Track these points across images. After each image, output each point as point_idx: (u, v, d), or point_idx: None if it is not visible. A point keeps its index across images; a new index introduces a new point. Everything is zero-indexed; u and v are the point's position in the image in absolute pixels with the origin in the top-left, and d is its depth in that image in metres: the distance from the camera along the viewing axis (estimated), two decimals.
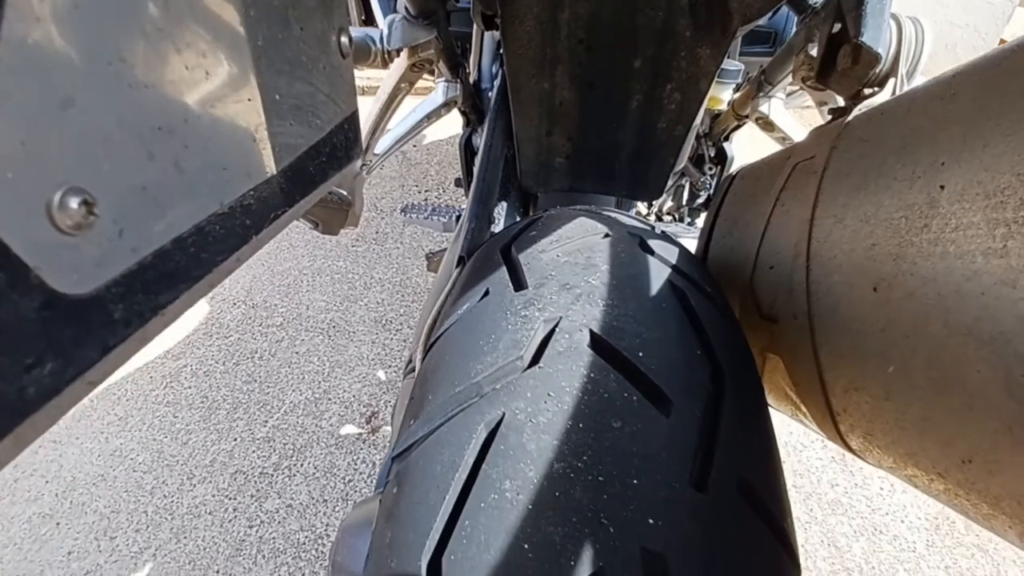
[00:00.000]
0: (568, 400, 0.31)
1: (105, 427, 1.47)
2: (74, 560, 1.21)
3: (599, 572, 0.26)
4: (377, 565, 0.31)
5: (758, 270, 0.53)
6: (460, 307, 0.42)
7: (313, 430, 1.45)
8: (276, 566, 1.18)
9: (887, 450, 0.37)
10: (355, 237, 2.08)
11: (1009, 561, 1.22)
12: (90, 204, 0.15)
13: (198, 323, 1.75)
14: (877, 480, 1.35)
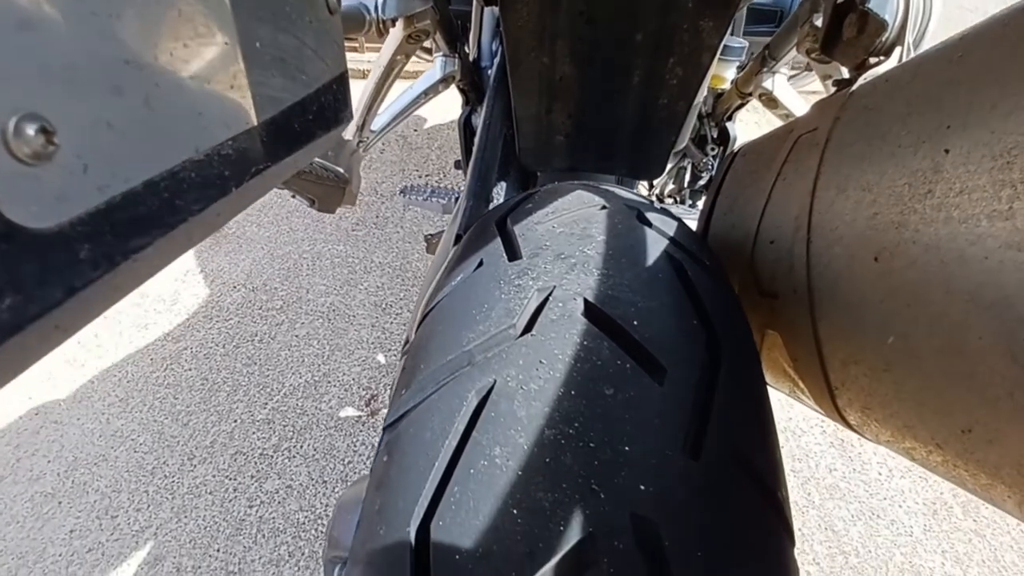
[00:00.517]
0: (560, 367, 0.31)
1: (106, 408, 1.47)
2: (76, 538, 1.22)
3: (589, 538, 0.25)
4: (366, 533, 0.31)
5: (758, 246, 0.52)
6: (454, 279, 0.42)
7: (313, 412, 1.46)
8: (276, 545, 1.19)
9: (885, 423, 0.36)
10: (355, 221, 2.07)
11: (1006, 547, 1.22)
12: (49, 133, 0.14)
13: (198, 306, 1.75)
14: (875, 465, 1.35)
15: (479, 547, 0.26)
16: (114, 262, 0.16)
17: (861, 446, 1.39)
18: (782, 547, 0.29)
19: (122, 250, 0.17)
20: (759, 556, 0.28)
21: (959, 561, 1.19)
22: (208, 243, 1.98)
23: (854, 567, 1.18)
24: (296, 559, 1.16)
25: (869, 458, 1.37)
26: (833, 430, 1.43)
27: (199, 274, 1.86)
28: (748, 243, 0.54)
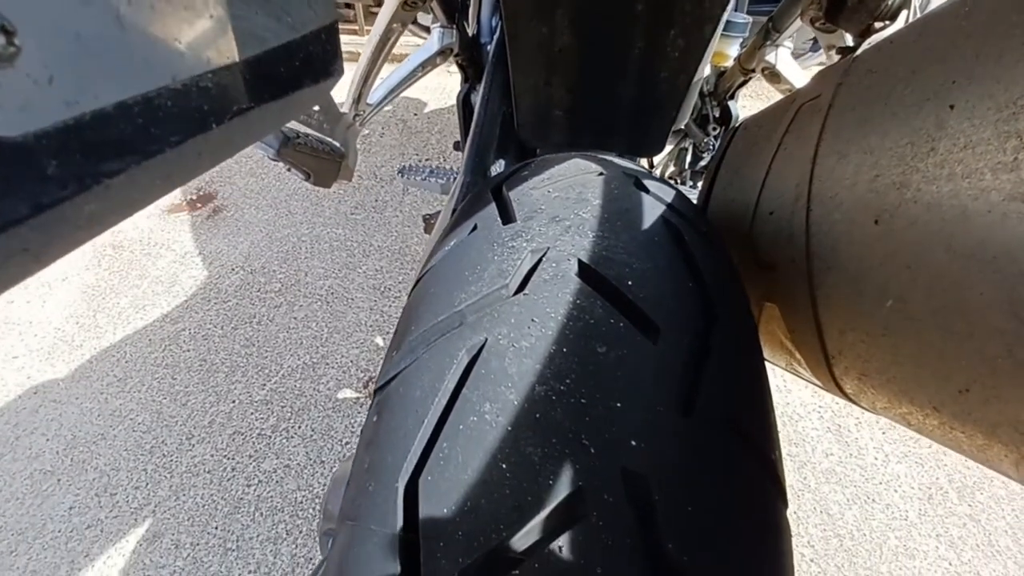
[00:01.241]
0: (552, 325, 0.30)
1: (104, 388, 1.47)
2: (75, 515, 1.22)
3: (578, 491, 0.25)
4: (355, 490, 0.31)
5: (757, 218, 0.51)
6: (447, 244, 0.41)
7: (311, 394, 1.46)
8: (273, 523, 1.20)
9: (881, 389, 0.36)
10: (354, 205, 2.06)
11: (1000, 531, 1.22)
12: (9, 33, 0.13)
13: (196, 288, 1.74)
14: (872, 450, 1.36)
15: (467, 501, 0.26)
16: (85, 184, 0.16)
17: (858, 431, 1.40)
18: (774, 507, 0.29)
19: (93, 172, 0.16)
20: (750, 514, 0.28)
21: (953, 545, 1.20)
22: (206, 225, 1.98)
23: (848, 550, 1.18)
24: (294, 537, 1.17)
25: (866, 443, 1.37)
26: (831, 415, 1.43)
27: (197, 256, 1.85)
28: (747, 216, 0.53)
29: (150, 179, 0.19)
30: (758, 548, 0.27)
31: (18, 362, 1.55)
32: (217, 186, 2.15)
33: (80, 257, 1.86)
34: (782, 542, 0.29)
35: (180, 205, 2.07)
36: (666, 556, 0.24)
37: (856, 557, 1.17)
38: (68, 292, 1.74)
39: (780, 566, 0.28)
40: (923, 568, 1.16)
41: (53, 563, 1.15)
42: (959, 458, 1.34)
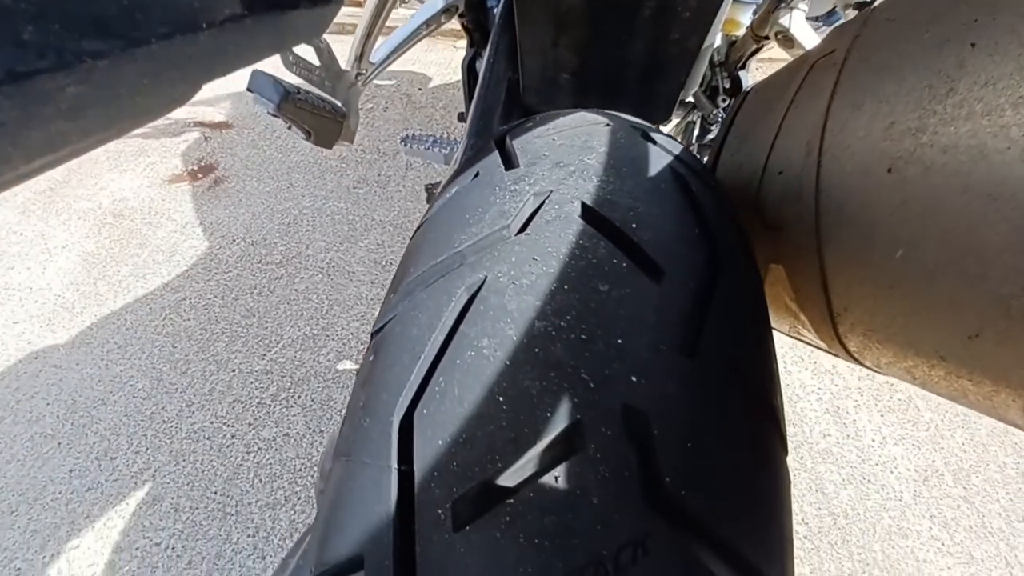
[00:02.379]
0: (554, 264, 0.30)
1: (105, 354, 1.48)
2: (75, 478, 1.23)
3: (577, 424, 0.25)
4: (350, 427, 0.30)
5: (765, 179, 0.50)
6: (449, 191, 0.40)
7: (311, 364, 1.46)
8: (272, 490, 1.21)
9: (887, 344, 0.35)
10: (356, 179, 2.05)
11: (994, 513, 1.23)
12: None
13: (197, 258, 1.74)
14: (869, 432, 1.36)
15: (463, 433, 0.25)
16: (64, 59, 0.15)
17: (856, 413, 1.40)
18: (774, 452, 0.29)
19: (73, 48, 0.15)
20: (749, 456, 0.27)
21: (946, 526, 1.20)
22: (207, 196, 1.96)
23: (842, 528, 1.19)
24: (292, 503, 1.18)
25: (864, 425, 1.37)
26: (830, 397, 1.43)
27: (198, 226, 1.85)
28: (755, 179, 0.52)
29: (136, 74, 0.18)
30: (757, 490, 0.27)
31: (18, 327, 1.55)
32: (218, 157, 2.13)
33: (80, 225, 1.85)
34: (781, 488, 0.28)
35: (181, 175, 2.05)
36: (664, 490, 0.24)
37: (850, 535, 1.18)
38: (68, 259, 1.74)
39: (779, 509, 0.28)
40: (916, 547, 1.17)
41: (53, 523, 1.16)
42: (956, 441, 1.35)
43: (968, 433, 1.36)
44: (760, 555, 0.25)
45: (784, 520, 0.27)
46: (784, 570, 0.26)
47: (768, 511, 0.27)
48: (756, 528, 0.26)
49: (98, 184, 2.02)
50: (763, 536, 0.26)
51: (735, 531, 0.24)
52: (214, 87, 2.54)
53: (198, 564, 1.10)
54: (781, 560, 0.26)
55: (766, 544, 0.26)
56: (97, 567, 1.10)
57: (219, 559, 1.10)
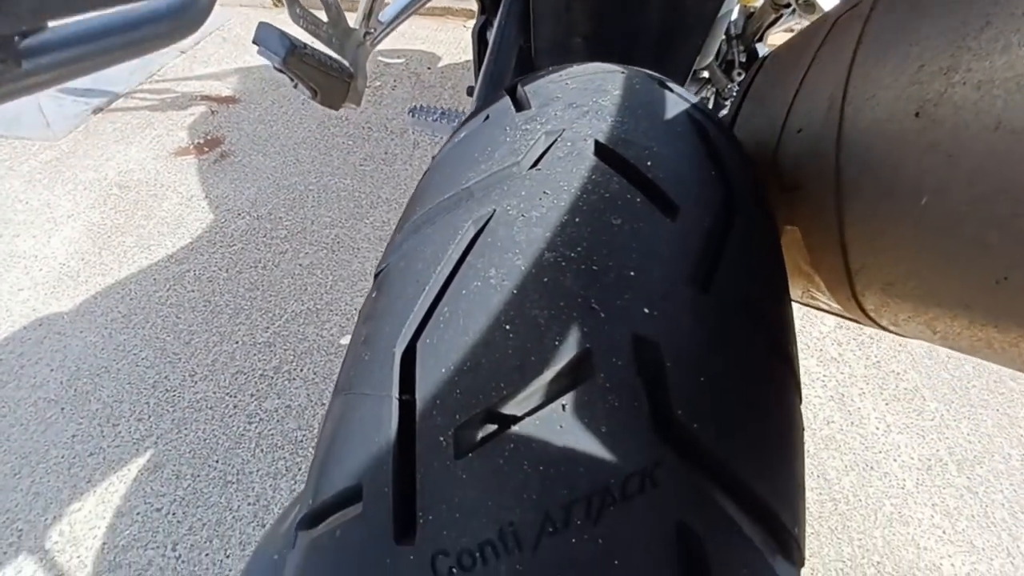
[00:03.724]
0: (565, 198, 0.28)
1: (109, 323, 1.48)
2: (78, 443, 1.24)
3: (586, 353, 0.24)
4: (351, 361, 0.30)
5: (784, 139, 0.49)
6: (457, 136, 0.39)
7: (314, 338, 1.46)
8: (273, 460, 1.21)
9: (906, 298, 0.34)
10: (363, 156, 2.03)
11: (997, 504, 1.22)
12: None
13: (202, 231, 1.73)
14: (874, 420, 1.35)
15: (467, 361, 0.24)
16: None
17: (861, 401, 1.39)
18: (788, 395, 0.28)
19: None
20: (763, 395, 0.26)
21: (948, 514, 1.20)
22: (213, 170, 1.95)
23: (843, 514, 1.18)
24: (293, 473, 1.18)
25: (868, 413, 1.36)
26: (835, 384, 1.42)
27: (203, 200, 1.84)
28: (772, 140, 0.51)
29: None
30: (770, 429, 0.26)
31: (23, 295, 1.55)
32: (225, 131, 2.12)
33: (86, 195, 1.85)
34: (795, 432, 0.28)
35: (187, 148, 2.04)
36: (675, 422, 0.23)
37: (850, 521, 1.17)
38: (73, 229, 1.74)
39: (792, 452, 0.27)
40: (917, 535, 1.16)
41: (56, 487, 1.17)
42: (961, 432, 1.33)
43: (973, 424, 1.35)
44: (772, 494, 0.24)
45: (797, 464, 0.27)
46: (796, 514, 0.25)
47: (781, 452, 0.26)
48: (768, 467, 0.25)
49: (104, 155, 2.01)
50: (776, 476, 0.25)
51: (747, 468, 0.24)
52: (222, 62, 2.53)
53: (199, 530, 1.10)
54: (793, 503, 0.25)
55: (778, 484, 0.25)
56: (98, 530, 1.11)
57: (219, 526, 1.11)
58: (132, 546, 1.09)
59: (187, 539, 1.09)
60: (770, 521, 0.24)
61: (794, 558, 0.26)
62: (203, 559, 1.06)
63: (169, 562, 1.06)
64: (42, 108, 2.20)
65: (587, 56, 0.72)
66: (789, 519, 0.25)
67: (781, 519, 0.24)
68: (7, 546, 1.09)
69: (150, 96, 2.31)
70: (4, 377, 1.36)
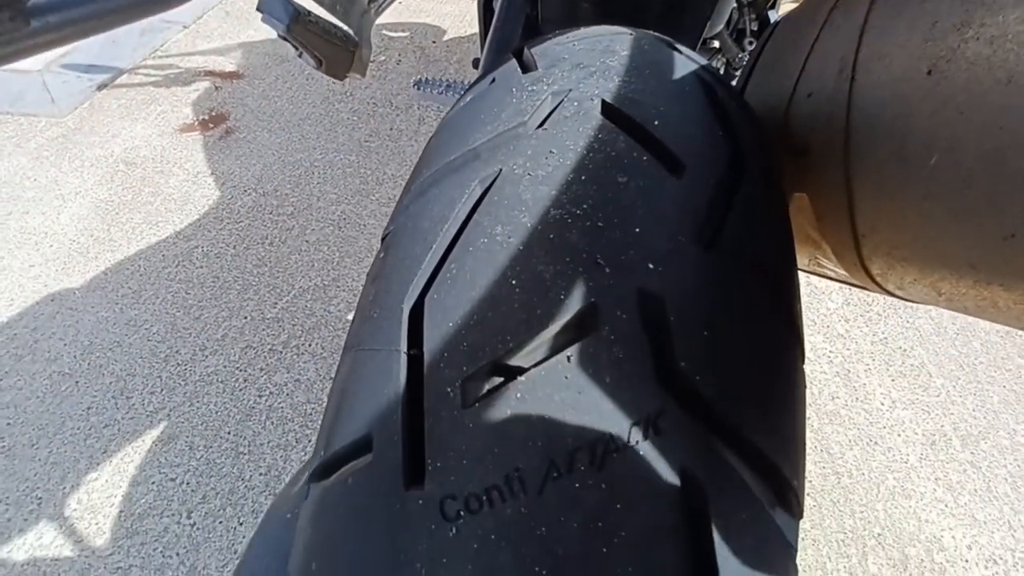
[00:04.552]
0: (571, 156, 0.28)
1: (120, 299, 1.50)
2: (93, 415, 1.27)
3: (591, 307, 0.24)
4: (359, 321, 0.30)
5: (794, 104, 0.48)
6: (464, 99, 0.39)
7: (322, 314, 1.47)
8: (284, 432, 1.23)
9: (913, 260, 0.34)
10: (368, 132, 2.02)
11: (1000, 478, 1.23)
12: None
13: (208, 207, 1.74)
14: (879, 396, 1.35)
15: (474, 315, 0.25)
16: None
17: (867, 377, 1.39)
18: (792, 354, 0.28)
19: None
20: (767, 351, 0.26)
21: (951, 488, 1.21)
22: (219, 146, 1.95)
23: (845, 487, 1.20)
24: (303, 445, 1.21)
25: (873, 389, 1.37)
26: (840, 360, 1.42)
27: (209, 176, 1.84)
28: (782, 105, 0.50)
29: None
30: (774, 385, 0.26)
31: (35, 271, 1.57)
32: (229, 107, 2.11)
33: (93, 172, 1.86)
34: (798, 390, 0.28)
35: (192, 125, 2.04)
36: (678, 374, 0.23)
37: (853, 494, 1.19)
38: (81, 206, 1.75)
39: (794, 410, 0.27)
40: (918, 508, 1.17)
41: (73, 457, 1.20)
42: (967, 408, 1.34)
43: (979, 400, 1.35)
44: (774, 448, 0.25)
45: (798, 420, 0.27)
46: (796, 467, 0.26)
47: (782, 407, 0.26)
48: (769, 420, 0.25)
49: (109, 132, 2.01)
50: (776, 429, 0.25)
51: (748, 419, 0.24)
52: (225, 37, 2.50)
53: (212, 499, 1.13)
54: (793, 456, 0.26)
55: (779, 437, 0.25)
56: (115, 498, 1.14)
57: (232, 495, 1.14)
58: (148, 514, 1.12)
59: (201, 507, 1.12)
60: (770, 472, 0.24)
61: (793, 510, 0.26)
62: (217, 526, 1.09)
63: (184, 529, 1.10)
64: (47, 84, 2.19)
65: (595, 21, 0.71)
66: (789, 471, 0.25)
67: (781, 471, 0.25)
68: (27, 513, 1.12)
69: (154, 72, 2.30)
70: (19, 351, 1.38)
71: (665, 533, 0.21)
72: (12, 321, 1.45)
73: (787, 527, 0.25)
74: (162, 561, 1.06)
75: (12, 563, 1.06)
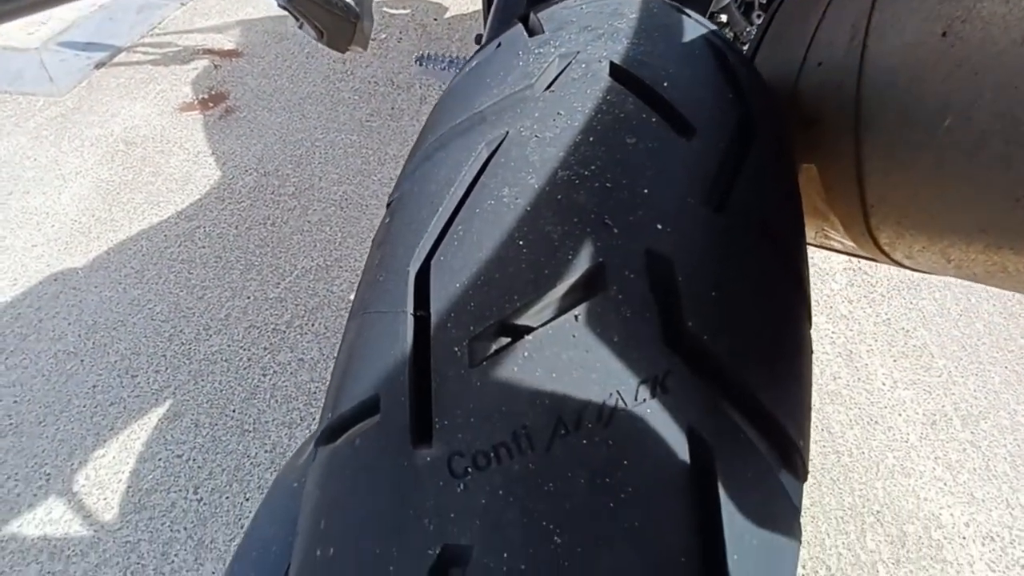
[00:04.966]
0: (579, 118, 0.28)
1: (123, 278, 1.50)
2: (99, 393, 1.28)
3: (599, 267, 0.24)
4: (365, 286, 0.30)
5: (804, 73, 0.48)
6: (469, 64, 0.39)
7: (324, 294, 1.47)
8: (288, 410, 1.24)
9: (922, 228, 0.34)
10: (369, 112, 2.00)
11: (1000, 457, 1.24)
12: None
13: (210, 187, 1.73)
14: (880, 376, 1.35)
15: (481, 276, 0.25)
16: None
17: (869, 357, 1.39)
18: (799, 317, 0.28)
19: None
20: (774, 313, 0.26)
21: (951, 467, 1.21)
22: (219, 126, 1.94)
23: (845, 465, 1.20)
24: (307, 423, 1.22)
25: (875, 369, 1.37)
26: (843, 341, 1.42)
27: (210, 156, 1.83)
28: (792, 75, 0.49)
29: None
30: (780, 347, 0.26)
31: (37, 250, 1.57)
32: (229, 86, 2.09)
33: (93, 152, 1.85)
34: (804, 353, 0.28)
35: (192, 104, 2.02)
36: (686, 333, 0.23)
37: (852, 472, 1.20)
38: (82, 186, 1.74)
39: (800, 372, 0.27)
40: (918, 486, 1.18)
41: (79, 434, 1.21)
42: (968, 388, 1.34)
43: (981, 380, 1.36)
44: (780, 409, 0.25)
45: (804, 382, 0.27)
46: (801, 428, 0.26)
47: (789, 368, 0.26)
48: (776, 381, 0.25)
49: (109, 111, 2.00)
50: (783, 390, 0.25)
51: (755, 380, 0.24)
52: (224, 14, 2.47)
53: (218, 475, 1.15)
54: (799, 418, 0.26)
55: (785, 398, 0.25)
56: (122, 475, 1.15)
57: (238, 471, 1.15)
58: (155, 489, 1.13)
59: (207, 483, 1.14)
60: (776, 432, 0.24)
61: (798, 472, 0.26)
62: (223, 501, 1.11)
63: (191, 504, 1.11)
64: (44, 63, 2.17)
65: None
66: (795, 432, 0.25)
67: (787, 431, 0.25)
68: (36, 488, 1.14)
69: (152, 50, 2.27)
70: (24, 330, 1.39)
71: (671, 490, 0.22)
72: (16, 300, 1.45)
73: (792, 488, 0.25)
74: (170, 535, 1.08)
75: (23, 537, 1.07)
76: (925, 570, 1.08)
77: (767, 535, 0.23)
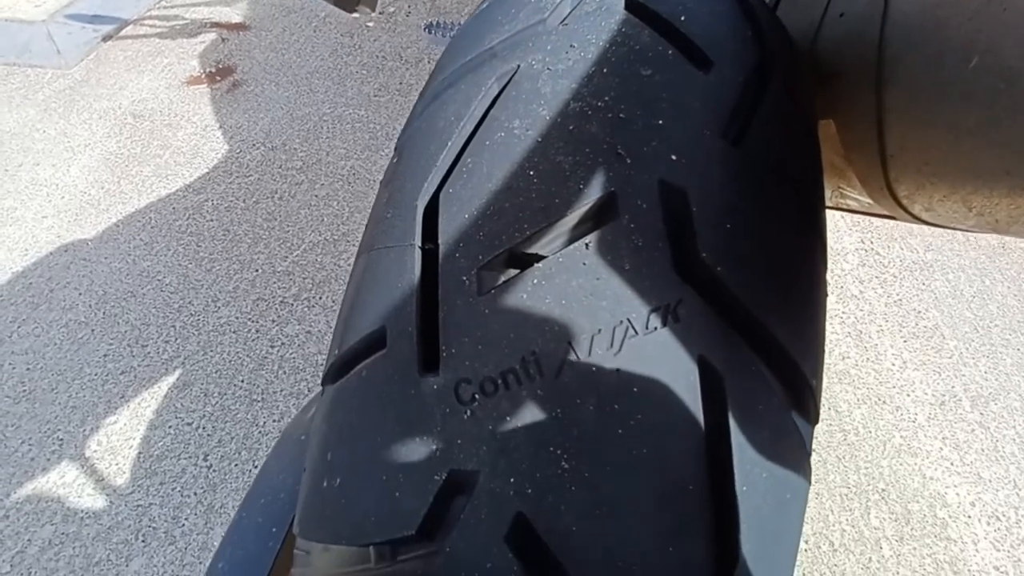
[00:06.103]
0: (593, 50, 0.27)
1: (132, 250, 1.51)
2: (110, 362, 1.29)
3: (611, 196, 0.23)
4: (373, 224, 0.30)
5: (824, 26, 0.46)
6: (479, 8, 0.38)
7: (332, 268, 1.48)
8: (296, 381, 1.25)
9: (943, 177, 0.33)
10: (378, 87, 1.98)
11: (1008, 439, 1.23)
12: None
13: (218, 161, 1.73)
14: (890, 356, 1.34)
15: (490, 206, 0.24)
16: None
17: (879, 338, 1.38)
18: (814, 255, 0.27)
19: None
20: (790, 250, 0.26)
21: (958, 447, 1.21)
22: (226, 99, 1.93)
23: (851, 444, 1.20)
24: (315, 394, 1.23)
25: (885, 349, 1.36)
26: (853, 321, 1.41)
27: (218, 130, 1.82)
28: (812, 29, 0.48)
29: None
30: (796, 284, 0.26)
31: (47, 222, 1.58)
32: (236, 60, 2.08)
33: (101, 125, 1.84)
34: (819, 293, 0.27)
35: (199, 77, 2.01)
36: (699, 264, 0.23)
37: (859, 451, 1.19)
38: (91, 158, 1.74)
39: (815, 311, 0.26)
40: (924, 465, 1.18)
41: (91, 401, 1.23)
42: (979, 369, 1.33)
43: (992, 362, 1.34)
44: (794, 345, 0.24)
45: (819, 321, 0.26)
46: (814, 367, 0.26)
47: (804, 305, 0.26)
48: (792, 319, 0.25)
49: (116, 84, 1.99)
50: (797, 326, 0.25)
51: (770, 315, 0.23)
52: None
53: (227, 443, 1.16)
54: (812, 355, 0.25)
55: (801, 337, 0.25)
56: (133, 441, 1.17)
57: (247, 439, 1.17)
58: (166, 456, 1.15)
59: (217, 451, 1.15)
60: (790, 369, 0.24)
61: (809, 414, 0.26)
62: (232, 468, 1.13)
63: (201, 471, 1.13)
64: (52, 35, 2.16)
65: None
66: (808, 370, 0.25)
67: (800, 368, 0.24)
68: (49, 454, 1.16)
69: (159, 23, 2.25)
70: (36, 300, 1.40)
71: (681, 419, 0.21)
72: (27, 271, 1.47)
73: (803, 429, 0.25)
74: (180, 500, 1.09)
75: (37, 498, 1.10)
76: (928, 547, 1.08)
77: (777, 470, 0.23)
